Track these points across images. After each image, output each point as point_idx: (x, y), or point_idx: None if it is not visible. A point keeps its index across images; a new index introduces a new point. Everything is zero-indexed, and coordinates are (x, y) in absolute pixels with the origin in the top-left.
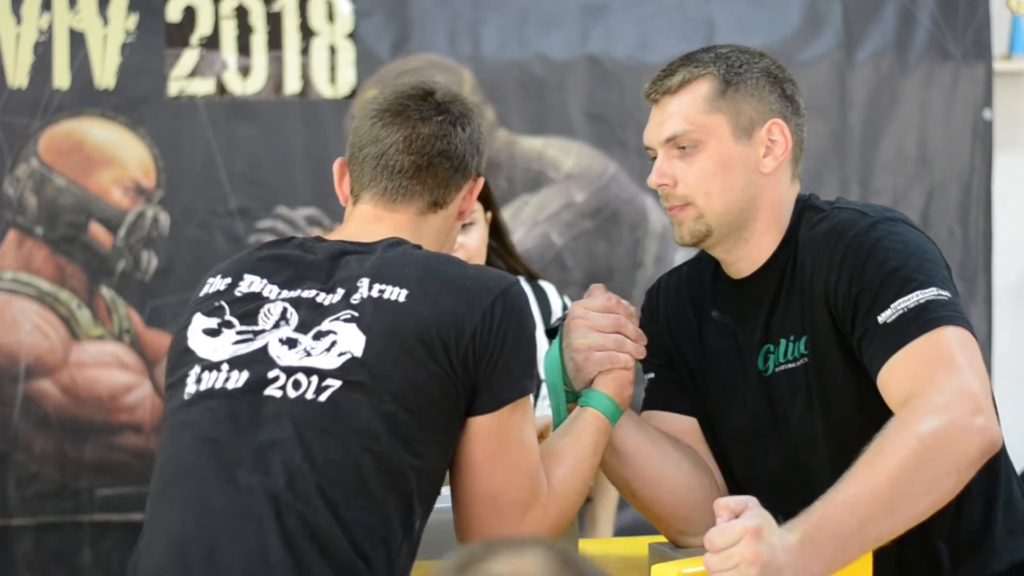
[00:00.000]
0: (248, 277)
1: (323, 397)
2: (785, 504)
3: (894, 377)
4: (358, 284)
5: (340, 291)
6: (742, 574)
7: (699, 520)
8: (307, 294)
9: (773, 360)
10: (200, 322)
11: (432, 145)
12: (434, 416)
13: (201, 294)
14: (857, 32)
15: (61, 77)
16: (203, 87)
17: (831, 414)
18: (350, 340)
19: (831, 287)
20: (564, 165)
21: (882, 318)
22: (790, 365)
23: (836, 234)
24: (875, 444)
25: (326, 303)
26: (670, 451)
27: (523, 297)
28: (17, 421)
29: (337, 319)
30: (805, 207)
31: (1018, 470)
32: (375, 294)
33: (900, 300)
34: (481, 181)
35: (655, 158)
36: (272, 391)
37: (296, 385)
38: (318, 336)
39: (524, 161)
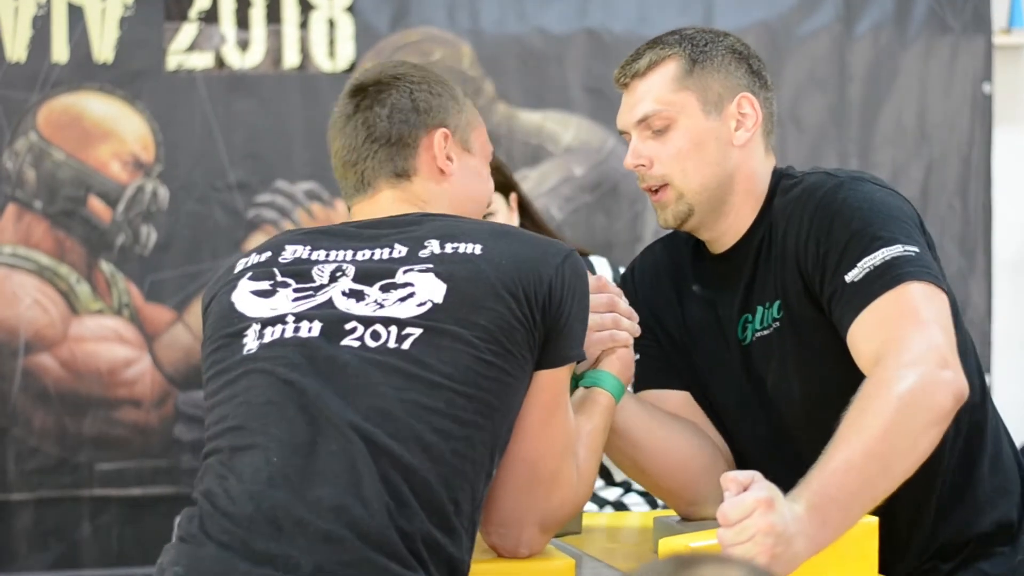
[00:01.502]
0: (289, 247)
1: (406, 345)
2: (778, 471)
3: (863, 335)
4: (425, 243)
5: (403, 248)
6: (758, 545)
7: (707, 490)
8: (361, 255)
9: (751, 329)
10: (248, 286)
11: (357, 137)
12: (518, 363)
13: (237, 270)
14: (856, 5)
15: (60, 51)
16: (202, 61)
17: (806, 375)
18: (430, 289)
19: (800, 248)
20: (563, 139)
21: (849, 277)
22: (765, 332)
23: (805, 196)
24: (856, 407)
25: (386, 257)
26: (671, 424)
27: (583, 263)
28: (16, 396)
29: (411, 270)
30: (780, 177)
31: (1018, 443)
32: (448, 250)
33: (866, 258)
34: (442, 132)
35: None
36: (350, 341)
37: (375, 336)
38: (388, 288)
39: (523, 135)
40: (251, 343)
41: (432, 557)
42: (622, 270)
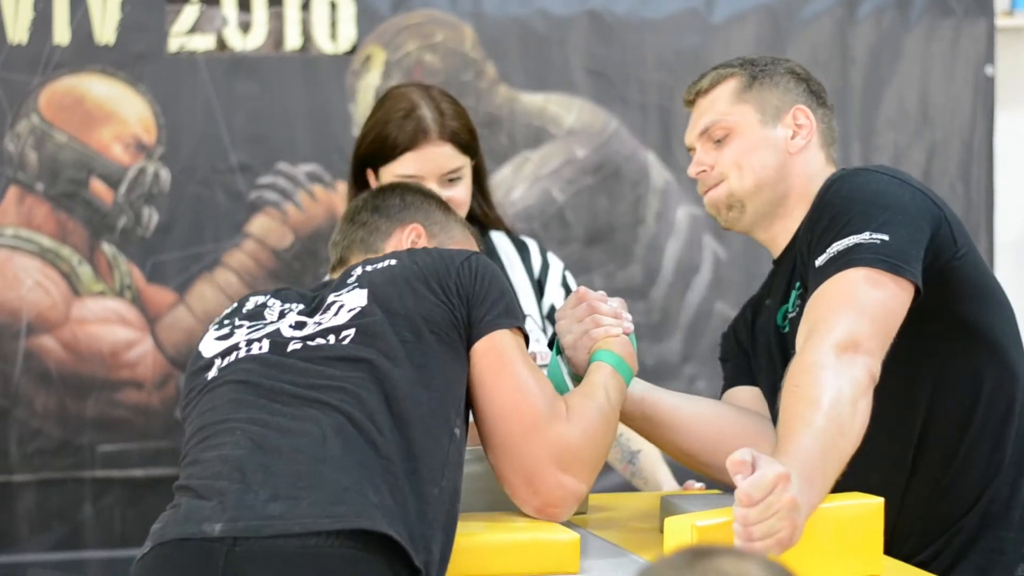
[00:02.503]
0: (252, 298)
1: (345, 342)
2: None
3: (805, 313)
4: (352, 272)
5: (334, 284)
6: (783, 520)
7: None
8: (304, 306)
9: (783, 312)
10: (212, 335)
11: (358, 214)
12: (442, 340)
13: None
14: None
15: (61, 33)
16: (203, 43)
17: None
18: (355, 299)
19: (802, 238)
20: (565, 121)
21: (818, 261)
22: (793, 314)
23: (821, 190)
24: (794, 385)
25: (327, 295)
26: (705, 402)
27: (489, 260)
28: (18, 377)
29: (339, 293)
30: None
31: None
32: (368, 269)
33: (835, 244)
34: (418, 228)
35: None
36: (295, 347)
37: (318, 345)
38: (324, 310)
39: (525, 117)
40: (213, 372)
41: (388, 484)
42: (549, 254)
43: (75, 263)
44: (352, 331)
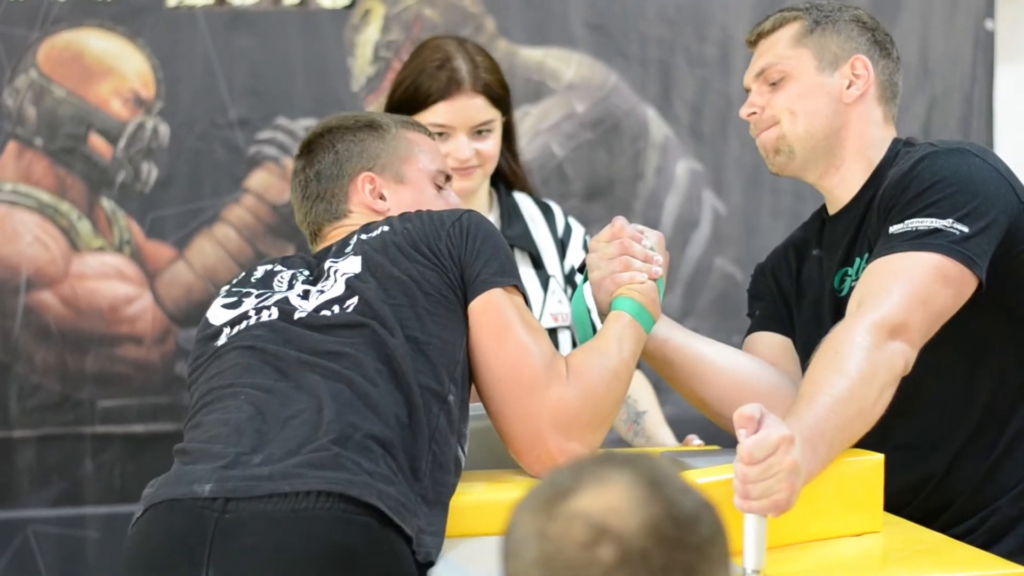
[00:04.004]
0: (261, 267)
1: (349, 310)
2: None
3: (863, 277)
4: (349, 240)
5: (333, 250)
6: (782, 482)
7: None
8: (308, 272)
9: (849, 281)
10: (219, 302)
11: (307, 186)
12: (437, 301)
13: (218, 296)
14: None
15: None
16: None
17: None
18: (350, 265)
19: (882, 205)
20: (565, 76)
21: (893, 229)
22: (855, 282)
23: (906, 162)
24: (829, 352)
25: (325, 263)
26: (728, 352)
27: (484, 217)
28: (18, 333)
29: (336, 261)
30: (900, 145)
31: None
32: (364, 237)
33: (914, 220)
34: (365, 176)
35: None
36: (301, 315)
37: (323, 316)
38: (324, 279)
39: (524, 72)
40: (222, 340)
41: (383, 450)
42: (571, 219)
43: (74, 218)
44: (354, 300)
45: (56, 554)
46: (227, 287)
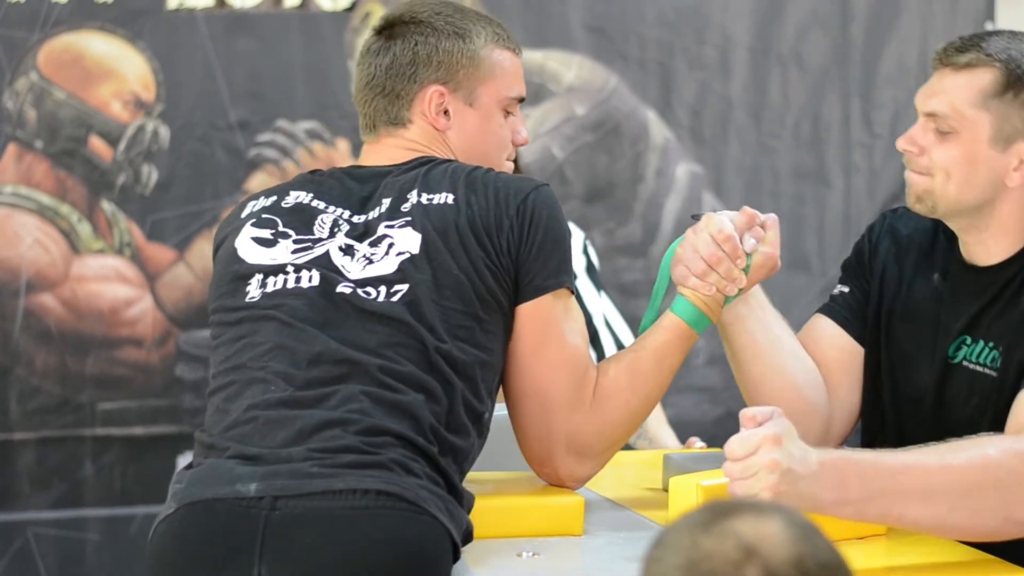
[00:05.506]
0: (294, 192)
1: (395, 298)
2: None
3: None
4: (407, 196)
5: (387, 201)
6: (762, 481)
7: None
8: (356, 218)
9: (964, 352)
10: (250, 232)
11: (362, 80)
12: (490, 306)
13: (244, 214)
14: None
15: None
16: (202, 0)
17: (998, 431)
18: (406, 241)
19: None
20: (565, 78)
21: None
22: (978, 368)
23: None
24: (963, 441)
25: (375, 214)
26: (781, 344)
27: (554, 197)
28: (18, 335)
29: (392, 225)
30: None
31: None
32: (424, 201)
33: None
34: (435, 89)
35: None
36: (343, 289)
37: (367, 293)
38: (375, 243)
39: (524, 74)
40: (254, 291)
41: (423, 459)
42: (571, 223)
43: (74, 221)
44: (404, 288)
45: (56, 556)
46: (253, 206)
